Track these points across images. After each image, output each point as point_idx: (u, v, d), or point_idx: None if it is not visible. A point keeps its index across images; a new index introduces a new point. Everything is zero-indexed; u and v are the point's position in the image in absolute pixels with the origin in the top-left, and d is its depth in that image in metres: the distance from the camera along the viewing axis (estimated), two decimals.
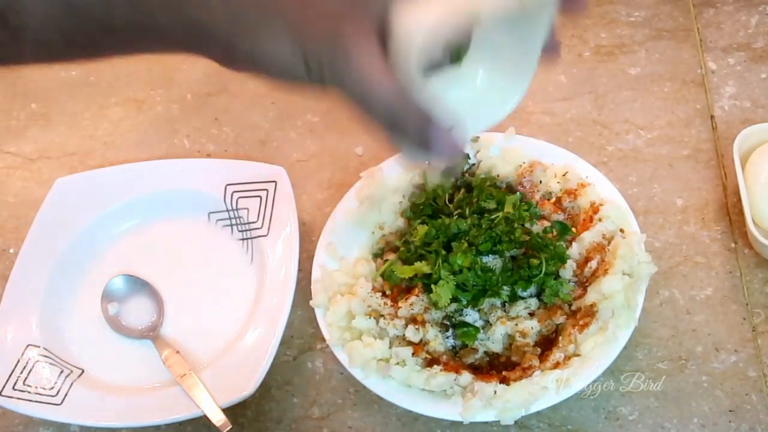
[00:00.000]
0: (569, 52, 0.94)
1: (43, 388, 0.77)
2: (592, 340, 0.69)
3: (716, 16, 0.93)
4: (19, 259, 0.85)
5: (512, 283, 0.72)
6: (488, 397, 0.67)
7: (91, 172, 0.92)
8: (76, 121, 1.01)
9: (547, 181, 0.78)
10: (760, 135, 0.77)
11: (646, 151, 0.85)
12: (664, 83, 0.89)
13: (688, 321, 0.74)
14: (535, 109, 0.90)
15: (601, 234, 0.74)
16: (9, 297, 0.83)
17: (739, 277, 0.76)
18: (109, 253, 0.88)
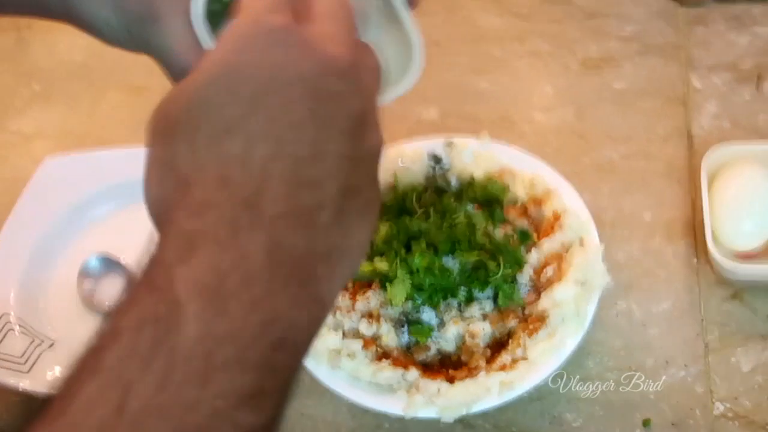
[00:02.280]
0: (557, 63, 0.95)
1: (13, 356, 0.79)
2: (540, 346, 0.69)
3: (706, 34, 0.94)
4: (3, 231, 0.88)
5: (469, 284, 0.74)
6: (431, 395, 0.68)
7: (80, 154, 0.95)
8: (75, 103, 1.04)
9: (514, 187, 0.79)
10: (729, 154, 0.78)
11: (620, 164, 0.85)
12: (646, 99, 0.90)
13: (642, 333, 0.75)
14: (518, 117, 0.91)
15: (561, 242, 0.75)
16: None
17: (697, 294, 0.76)
18: (91, 233, 0.90)
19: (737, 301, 0.75)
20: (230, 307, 0.32)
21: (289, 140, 0.34)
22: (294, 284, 0.33)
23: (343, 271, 0.36)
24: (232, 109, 0.34)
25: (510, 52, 0.97)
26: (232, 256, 0.32)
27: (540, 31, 0.98)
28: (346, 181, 0.35)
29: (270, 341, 0.32)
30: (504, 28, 0.99)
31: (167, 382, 0.31)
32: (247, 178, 0.33)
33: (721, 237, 0.75)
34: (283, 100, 0.34)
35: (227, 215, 0.33)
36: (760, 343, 0.73)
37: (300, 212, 0.33)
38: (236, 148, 0.33)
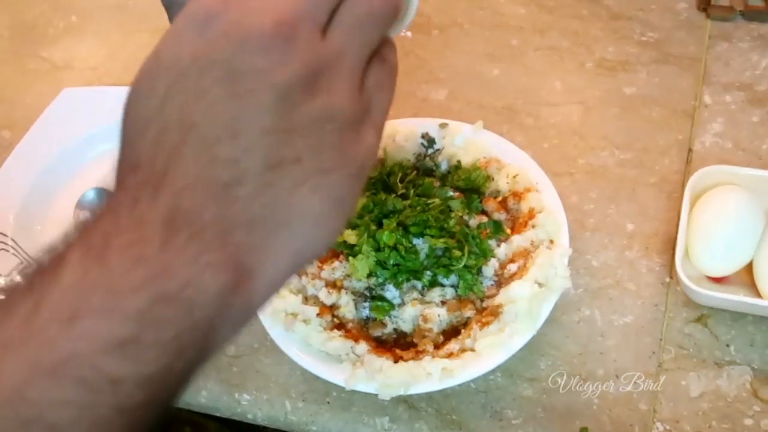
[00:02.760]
0: (572, 60, 0.94)
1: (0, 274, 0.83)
2: (489, 339, 0.70)
3: (728, 51, 0.91)
4: (12, 154, 0.92)
5: (435, 269, 0.74)
6: (374, 370, 0.69)
7: (98, 88, 0.98)
8: (105, 39, 1.07)
9: (498, 179, 0.79)
10: (719, 176, 0.76)
11: (614, 170, 0.85)
12: (654, 107, 0.88)
13: (599, 343, 0.75)
14: (522, 109, 0.91)
15: (530, 240, 0.75)
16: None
17: (663, 312, 0.76)
18: (96, 166, 0.93)
19: (700, 325, 0.75)
20: (111, 261, 0.32)
21: (202, 123, 0.34)
22: (194, 247, 0.33)
23: (287, 244, 0.35)
24: (151, 101, 0.35)
25: (527, 43, 0.96)
26: (126, 222, 0.33)
27: (562, 25, 0.97)
28: (274, 154, 0.34)
29: (153, 294, 0.32)
30: (527, 19, 0.98)
31: (30, 322, 0.32)
32: (156, 161, 0.34)
33: (693, 258, 0.74)
34: (200, 85, 0.34)
35: (131, 195, 0.34)
36: (714, 371, 0.72)
37: (210, 185, 0.34)
38: (150, 138, 0.34)
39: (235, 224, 0.34)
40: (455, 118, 0.85)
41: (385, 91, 0.39)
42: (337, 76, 0.36)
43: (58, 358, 0.31)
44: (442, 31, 1.00)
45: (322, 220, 0.36)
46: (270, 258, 0.35)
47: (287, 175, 0.35)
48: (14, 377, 0.31)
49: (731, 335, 0.74)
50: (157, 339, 0.33)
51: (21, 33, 1.10)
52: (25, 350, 0.31)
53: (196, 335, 0.34)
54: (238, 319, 0.35)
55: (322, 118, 0.35)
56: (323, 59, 0.35)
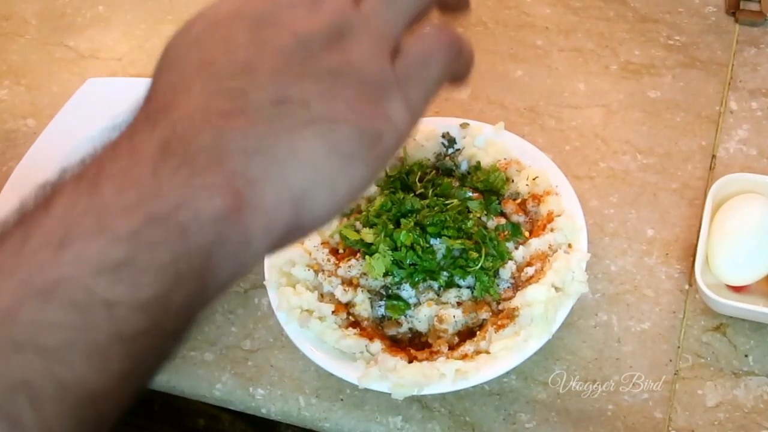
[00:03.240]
0: (596, 62, 0.93)
1: None
2: (503, 342, 0.70)
3: (756, 56, 0.90)
4: (36, 143, 0.92)
5: (452, 269, 0.74)
6: (387, 369, 0.69)
7: (122, 79, 0.99)
8: (131, 29, 1.08)
9: (518, 181, 0.79)
10: (740, 185, 0.76)
11: (636, 175, 0.84)
12: (678, 112, 0.88)
13: (615, 349, 0.74)
14: (544, 111, 0.90)
15: (549, 244, 0.74)
16: (18, 173, 0.90)
17: (680, 320, 0.75)
18: None
19: (719, 334, 0.74)
20: (102, 186, 0.32)
21: (219, 61, 0.35)
22: (185, 171, 0.33)
23: (282, 179, 0.34)
24: (179, 48, 0.36)
25: (552, 44, 0.95)
26: (120, 151, 0.33)
27: (588, 27, 0.96)
28: (281, 92, 0.34)
29: (144, 215, 0.32)
30: (552, 19, 0.98)
31: (21, 249, 0.32)
32: (166, 95, 0.35)
33: (714, 266, 0.73)
34: (226, 33, 0.35)
35: (133, 126, 0.34)
36: (731, 381, 0.71)
37: (209, 113, 0.34)
38: (168, 77, 0.35)
39: (230, 151, 0.33)
40: (477, 117, 0.85)
41: (423, 67, 0.37)
42: (362, 39, 0.36)
43: (49, 280, 0.31)
44: (466, 29, 0.99)
45: (324, 172, 0.35)
46: (266, 192, 0.34)
47: (291, 113, 0.34)
48: (5, 300, 0.31)
49: (750, 345, 0.73)
50: (151, 262, 0.32)
51: (49, 21, 1.10)
52: (15, 274, 0.31)
53: (192, 262, 0.33)
54: (237, 255, 0.34)
55: (337, 71, 0.35)
56: (350, 21, 0.36)
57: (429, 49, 0.37)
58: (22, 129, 0.99)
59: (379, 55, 0.36)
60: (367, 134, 0.35)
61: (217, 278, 0.34)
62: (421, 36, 0.38)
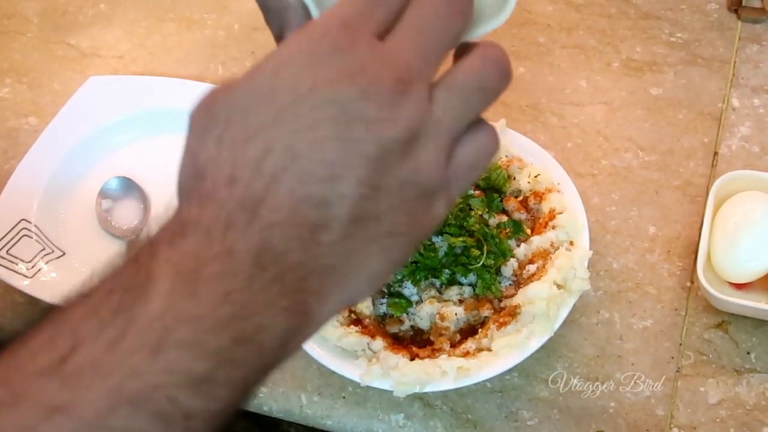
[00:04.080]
0: (599, 60, 0.93)
1: (22, 260, 0.84)
2: (505, 339, 0.70)
3: (759, 53, 0.90)
4: (38, 141, 0.92)
5: (453, 267, 0.74)
6: (389, 367, 0.69)
7: (124, 77, 0.99)
8: (132, 27, 1.08)
9: (520, 179, 0.79)
10: (742, 182, 0.76)
11: (638, 172, 0.84)
12: (680, 110, 0.87)
13: (617, 346, 0.74)
14: (546, 108, 0.90)
15: (550, 241, 0.75)
16: (20, 171, 0.90)
17: (682, 317, 0.75)
18: (119, 155, 0.93)
19: (721, 331, 0.74)
20: (201, 293, 0.32)
21: (307, 156, 0.34)
22: (275, 289, 0.33)
23: (342, 295, 0.36)
24: (262, 116, 0.34)
25: (554, 42, 0.95)
26: (217, 249, 0.33)
27: (589, 24, 0.96)
28: (361, 207, 0.34)
29: (234, 335, 0.33)
30: (554, 17, 0.97)
31: (117, 347, 0.32)
32: (254, 183, 0.34)
33: (716, 263, 0.73)
34: (313, 117, 0.34)
35: (225, 212, 0.33)
36: (733, 378, 0.71)
37: (300, 226, 0.34)
38: (253, 153, 0.34)
39: (312, 270, 0.34)
40: None
41: (472, 171, 0.38)
42: (432, 143, 0.36)
43: (141, 388, 0.32)
44: None
45: (377, 276, 0.37)
46: (328, 305, 0.35)
47: (366, 230, 0.35)
48: (99, 402, 0.31)
49: (752, 342, 0.73)
50: (229, 378, 0.33)
51: (51, 20, 1.10)
52: (110, 375, 0.31)
53: (259, 375, 0.35)
54: (288, 357, 0.36)
55: (408, 182, 0.35)
56: (423, 122, 0.35)
57: (480, 154, 0.38)
58: (23, 127, 0.99)
59: (440, 159, 0.36)
60: (417, 241, 0.37)
61: (267, 377, 0.36)
62: (474, 135, 0.38)
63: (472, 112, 0.37)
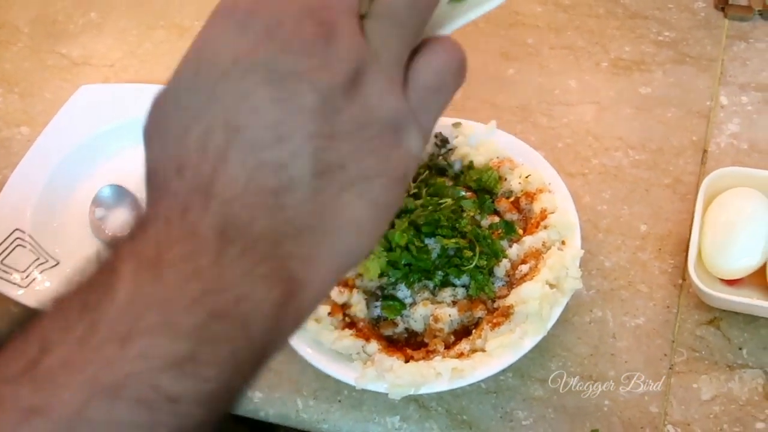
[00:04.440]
0: (588, 60, 0.93)
1: (15, 269, 0.84)
2: (499, 340, 0.70)
3: (746, 51, 0.91)
4: (30, 150, 0.93)
5: (446, 269, 0.75)
6: (384, 369, 0.70)
7: (114, 85, 0.99)
8: (123, 35, 1.08)
9: (511, 179, 0.79)
10: (731, 179, 0.76)
11: (628, 171, 0.84)
12: (669, 108, 0.88)
13: (610, 344, 0.75)
14: (536, 109, 0.90)
15: (542, 241, 0.75)
16: (13, 181, 0.90)
17: (674, 314, 0.75)
18: (111, 163, 0.94)
19: (713, 328, 0.74)
20: (166, 275, 0.32)
21: (248, 126, 0.33)
22: (248, 259, 0.32)
23: (332, 253, 0.35)
24: (194, 102, 0.34)
25: (543, 42, 0.96)
26: (178, 233, 0.32)
27: (578, 24, 0.96)
28: (320, 160, 0.34)
29: (209, 309, 0.32)
30: (543, 17, 0.98)
31: (86, 343, 0.31)
32: (202, 165, 0.33)
33: (707, 260, 0.74)
34: (243, 87, 0.33)
35: (180, 200, 0.33)
36: (726, 374, 0.72)
37: (260, 194, 0.33)
38: (194, 139, 0.33)
39: (285, 234, 0.33)
40: (469, 116, 0.85)
41: (436, 93, 0.37)
42: (377, 77, 0.35)
43: (116, 377, 0.31)
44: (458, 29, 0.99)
45: (366, 225, 0.35)
46: (318, 267, 0.34)
47: (333, 181, 0.34)
48: (74, 398, 0.30)
49: (744, 338, 0.74)
50: (214, 356, 0.32)
51: (42, 29, 1.11)
52: (83, 370, 0.31)
53: (252, 350, 0.33)
54: (289, 331, 0.35)
55: (362, 122, 0.34)
56: (363, 59, 0.34)
57: (441, 75, 0.37)
58: (16, 137, 0.99)
59: (394, 92, 0.35)
60: (397, 179, 0.35)
61: (271, 354, 0.34)
62: (430, 55, 0.37)
63: (409, 32, 0.36)
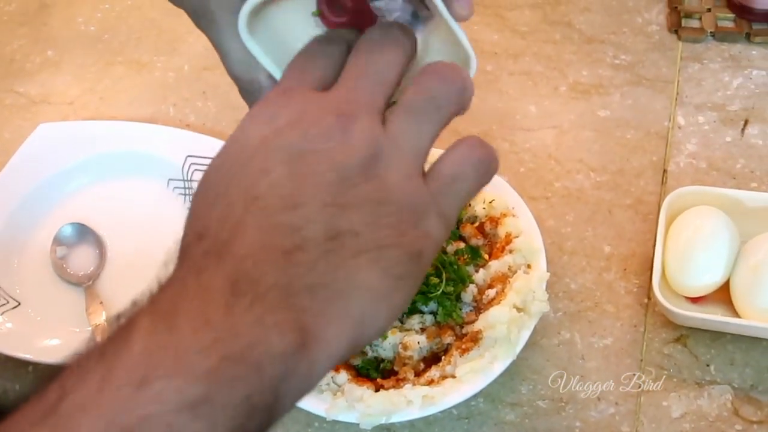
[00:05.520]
0: (546, 84, 0.95)
1: None
2: (469, 365, 0.70)
3: (700, 72, 0.93)
4: None
5: None
6: (354, 399, 0.69)
7: (74, 123, 0.98)
8: (81, 72, 1.07)
9: (474, 205, 0.80)
10: (691, 197, 0.77)
11: (590, 193, 0.85)
12: (628, 130, 0.89)
13: (579, 366, 0.75)
14: (497, 134, 0.91)
15: (508, 265, 0.75)
16: None
17: (642, 333, 0.76)
18: (72, 201, 0.93)
19: (680, 345, 0.75)
20: (180, 324, 0.33)
21: (266, 196, 0.36)
22: (258, 309, 0.34)
23: (347, 314, 0.36)
24: (222, 181, 0.37)
25: (502, 69, 0.97)
26: (193, 290, 0.34)
27: (535, 50, 0.98)
28: (333, 225, 0.36)
29: (222, 354, 0.33)
30: (501, 45, 0.99)
31: (103, 388, 0.32)
32: (221, 232, 0.36)
33: (671, 279, 0.75)
34: (265, 165, 0.37)
35: (196, 263, 0.35)
36: (694, 390, 0.72)
37: (272, 251, 0.35)
38: (217, 212, 0.36)
39: (297, 288, 0.35)
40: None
41: (455, 181, 0.39)
42: (395, 162, 0.37)
43: (132, 419, 0.32)
44: None
45: (381, 294, 0.37)
46: (331, 325, 0.36)
47: (346, 245, 0.36)
48: None
49: (711, 354, 0.74)
50: (228, 399, 0.33)
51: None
52: (100, 412, 0.32)
53: (265, 396, 0.34)
54: (301, 386, 0.35)
55: (376, 200, 0.37)
56: (380, 145, 0.37)
57: (461, 166, 0.39)
58: None
59: (412, 176, 0.38)
60: (413, 254, 0.37)
61: (284, 405, 0.35)
62: (451, 152, 0.40)
63: (431, 126, 0.39)
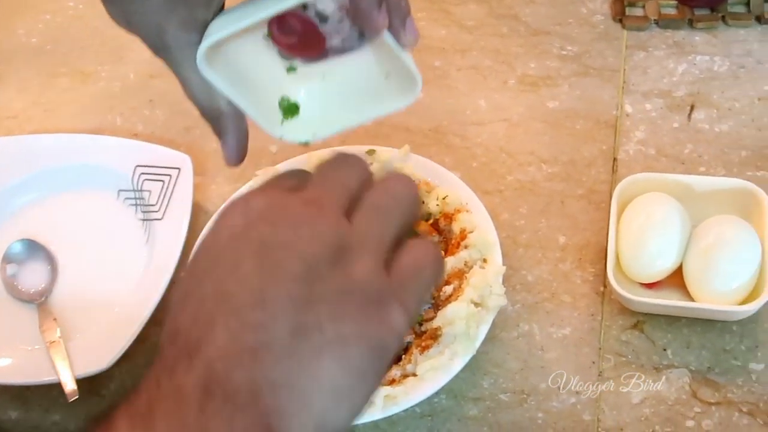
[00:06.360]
0: (495, 78, 0.95)
1: None
2: (429, 363, 0.70)
3: (645, 60, 0.93)
4: None
5: None
6: None
7: (19, 137, 0.96)
8: (25, 85, 1.05)
9: (428, 202, 0.80)
10: (642, 184, 0.78)
11: (542, 185, 0.86)
12: (577, 120, 0.90)
13: (539, 357, 0.75)
14: (448, 130, 0.91)
15: (464, 261, 0.75)
16: None
17: (599, 321, 0.76)
18: (20, 217, 0.91)
19: (637, 332, 0.75)
20: (156, 425, 0.35)
21: (234, 293, 0.37)
22: (228, 409, 0.35)
23: (309, 413, 0.36)
24: (193, 279, 0.39)
25: (450, 64, 0.97)
26: (166, 391, 0.36)
27: (483, 44, 0.98)
28: (298, 321, 0.36)
29: None
30: (448, 40, 0.99)
31: None
32: (193, 331, 0.37)
33: (625, 266, 0.75)
34: (234, 259, 0.38)
35: (169, 363, 0.36)
36: (653, 375, 0.73)
37: (240, 352, 0.36)
38: (190, 310, 0.38)
39: (261, 387, 0.36)
40: (383, 143, 0.85)
41: (417, 277, 0.41)
42: (361, 255, 0.39)
43: None
44: None
45: (342, 391, 0.37)
46: (293, 422, 0.36)
47: (309, 342, 0.37)
48: None
49: (667, 339, 0.75)
50: None
51: None
52: None
53: None
54: None
55: (343, 290, 0.38)
56: (347, 237, 0.39)
57: (420, 262, 0.41)
58: None
59: (377, 269, 0.39)
60: (375, 348, 0.38)
61: None
62: (410, 248, 0.41)
63: (394, 222, 0.41)
